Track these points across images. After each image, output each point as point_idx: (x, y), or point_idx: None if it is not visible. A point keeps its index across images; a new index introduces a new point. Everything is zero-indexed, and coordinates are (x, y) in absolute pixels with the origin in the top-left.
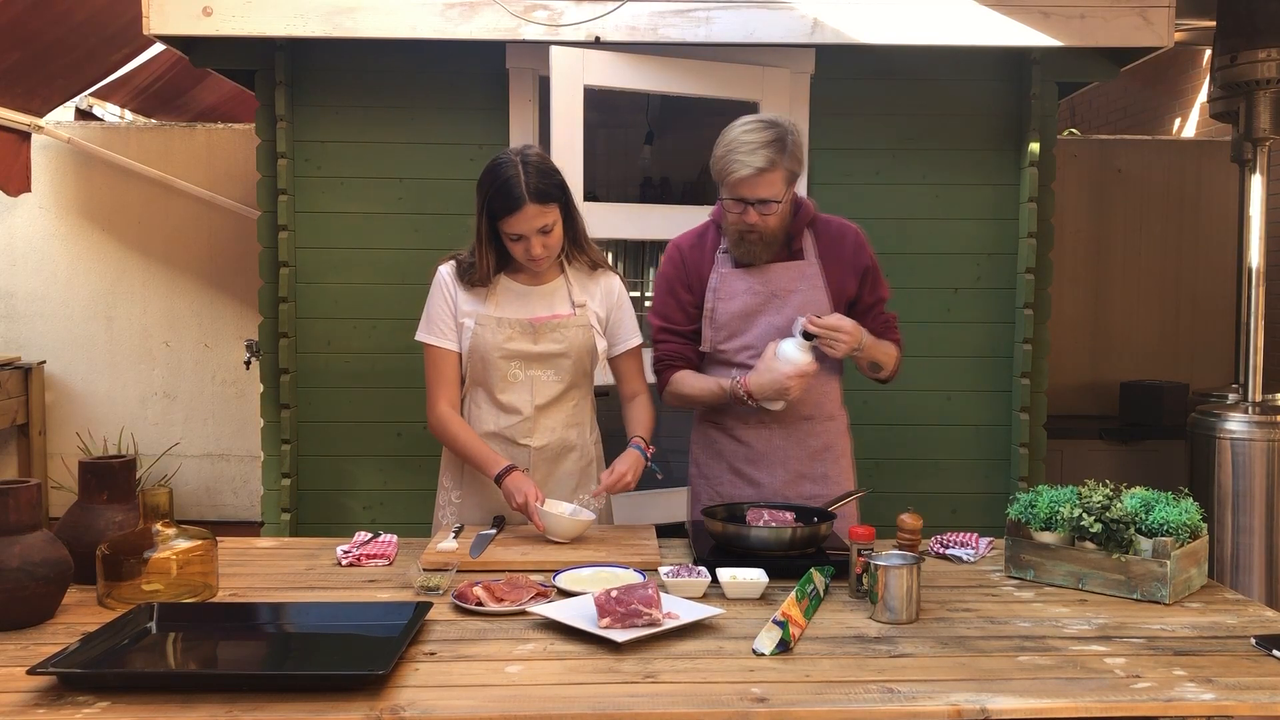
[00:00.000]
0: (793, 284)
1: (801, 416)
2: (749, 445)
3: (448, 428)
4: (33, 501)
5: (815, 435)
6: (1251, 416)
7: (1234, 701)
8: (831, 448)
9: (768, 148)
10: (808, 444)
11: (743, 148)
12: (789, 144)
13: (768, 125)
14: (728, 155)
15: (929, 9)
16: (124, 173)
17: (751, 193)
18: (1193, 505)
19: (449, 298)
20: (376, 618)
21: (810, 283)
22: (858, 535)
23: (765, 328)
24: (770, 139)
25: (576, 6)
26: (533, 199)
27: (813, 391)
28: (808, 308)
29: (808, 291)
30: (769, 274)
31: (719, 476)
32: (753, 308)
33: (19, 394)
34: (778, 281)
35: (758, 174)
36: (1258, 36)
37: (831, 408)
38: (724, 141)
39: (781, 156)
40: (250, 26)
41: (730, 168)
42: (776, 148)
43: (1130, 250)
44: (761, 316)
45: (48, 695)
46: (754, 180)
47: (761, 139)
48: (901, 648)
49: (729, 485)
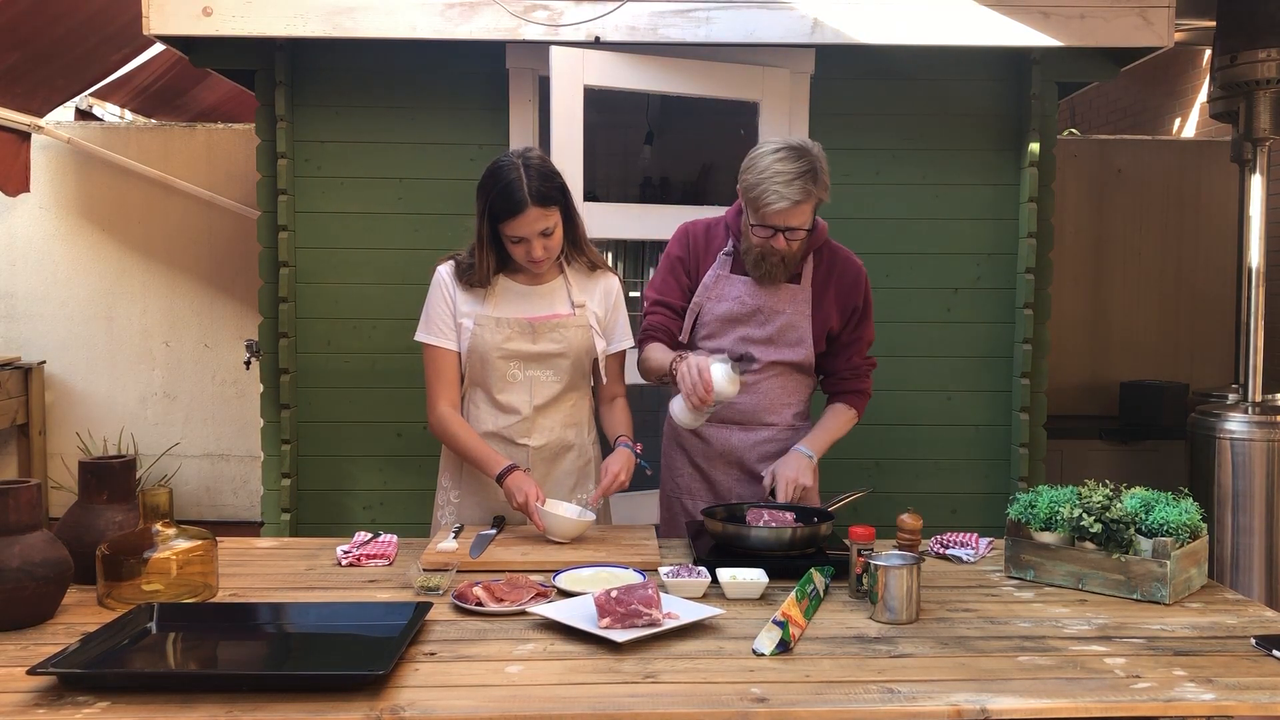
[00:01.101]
0: (782, 305)
1: (760, 422)
2: (707, 442)
3: (448, 427)
4: (33, 501)
5: (773, 441)
6: (1251, 416)
7: (1234, 701)
8: None
9: (803, 179)
10: (762, 449)
11: (778, 178)
12: (819, 174)
13: (799, 154)
14: (764, 184)
15: (929, 9)
16: (124, 173)
17: (784, 222)
18: (1193, 505)
19: (448, 298)
20: (376, 618)
21: (797, 308)
22: (858, 535)
23: (740, 338)
24: (804, 169)
25: (576, 6)
26: (535, 202)
27: (774, 400)
28: (789, 331)
29: (792, 315)
30: (763, 290)
31: (679, 468)
32: (737, 315)
33: (19, 394)
34: (768, 299)
35: (794, 206)
36: (1258, 36)
37: (793, 419)
38: (756, 169)
39: (815, 187)
40: (250, 26)
41: (766, 198)
42: (811, 178)
43: (1130, 250)
44: (742, 326)
45: (48, 695)
46: (789, 212)
47: (796, 169)
48: (901, 648)
49: (687, 478)
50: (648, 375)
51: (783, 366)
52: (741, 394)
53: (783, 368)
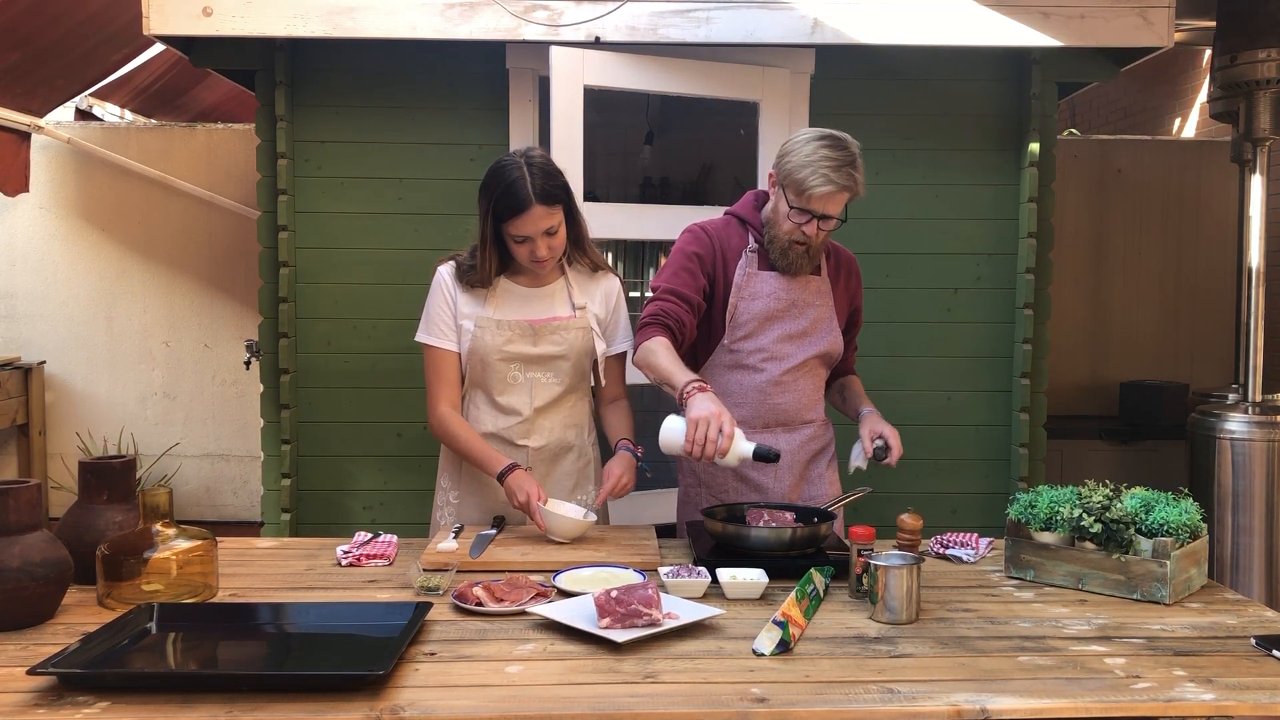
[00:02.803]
0: (812, 298)
1: (802, 420)
2: None
3: (449, 427)
4: (33, 501)
5: (815, 438)
6: (1251, 416)
7: (1234, 701)
8: (827, 450)
9: (849, 167)
10: (809, 447)
11: (826, 163)
12: (860, 167)
13: (844, 144)
14: (811, 168)
15: (929, 9)
16: (124, 173)
17: (823, 208)
18: (1193, 505)
19: (449, 299)
20: (376, 618)
21: (824, 300)
22: (858, 535)
23: (779, 334)
24: (849, 159)
25: (576, 6)
26: (539, 201)
27: (810, 397)
28: (820, 323)
29: (821, 308)
30: (793, 283)
31: (722, 484)
32: (773, 312)
33: (19, 394)
34: (799, 292)
35: (839, 191)
36: (1258, 36)
37: (824, 413)
38: (801, 154)
39: (856, 179)
40: (250, 26)
41: (813, 181)
42: (854, 168)
43: (1130, 250)
44: (778, 323)
45: (48, 695)
46: (832, 198)
47: (843, 158)
48: (901, 648)
49: (734, 493)
50: (645, 369)
51: (815, 361)
52: (782, 394)
53: (815, 362)
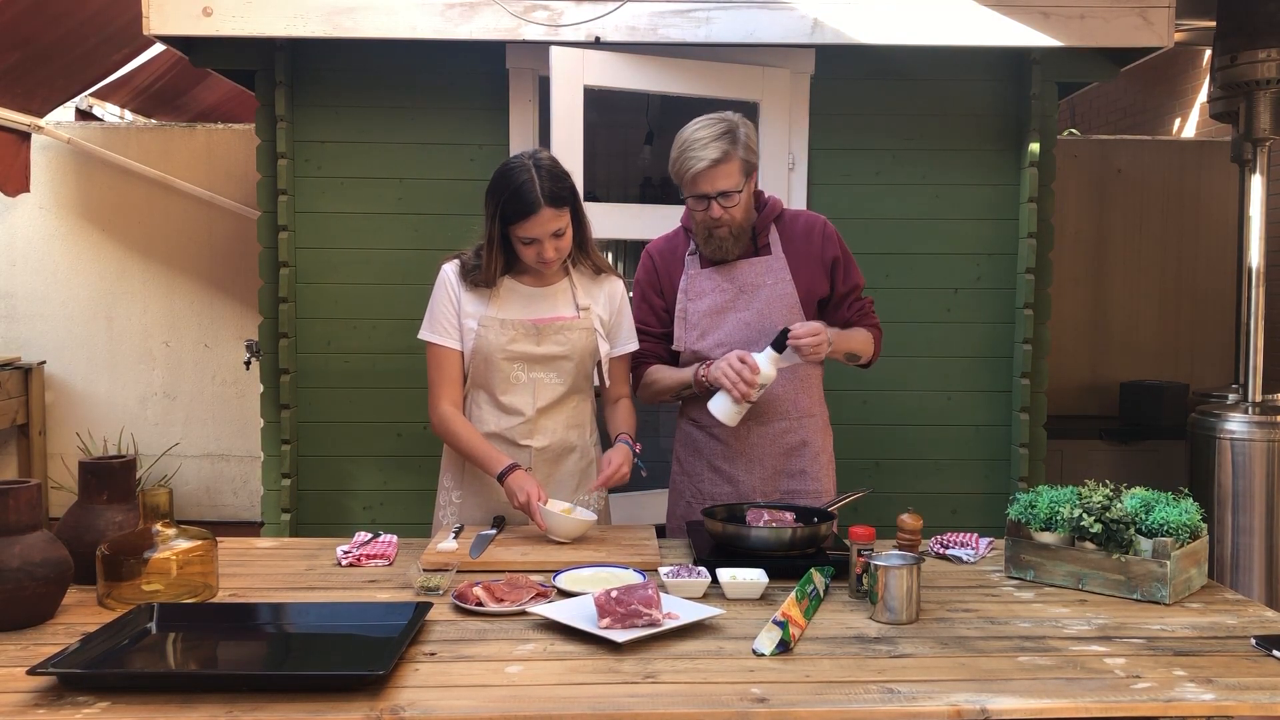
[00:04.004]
0: (759, 279)
1: (777, 414)
2: (726, 443)
3: (450, 426)
4: (33, 501)
5: (791, 432)
6: (1251, 416)
7: (1234, 702)
8: (809, 444)
9: (720, 140)
10: (783, 441)
11: (695, 144)
12: (740, 135)
13: (717, 120)
14: (683, 154)
15: (929, 9)
16: (124, 173)
17: (711, 186)
18: (1193, 505)
19: (453, 298)
20: (376, 618)
21: (777, 276)
22: (858, 535)
23: (735, 324)
24: (721, 131)
25: (576, 6)
26: (547, 203)
27: (786, 388)
28: (775, 302)
29: (774, 285)
30: (735, 271)
31: (699, 473)
32: (721, 305)
33: (19, 394)
34: (744, 277)
35: (713, 165)
36: (1258, 36)
37: (808, 404)
38: (678, 143)
39: (735, 147)
40: (250, 27)
41: (687, 164)
42: (729, 139)
43: (1130, 250)
44: (731, 313)
45: (48, 695)
46: (711, 173)
47: (712, 133)
48: (901, 648)
49: (709, 483)
50: (656, 396)
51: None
52: None
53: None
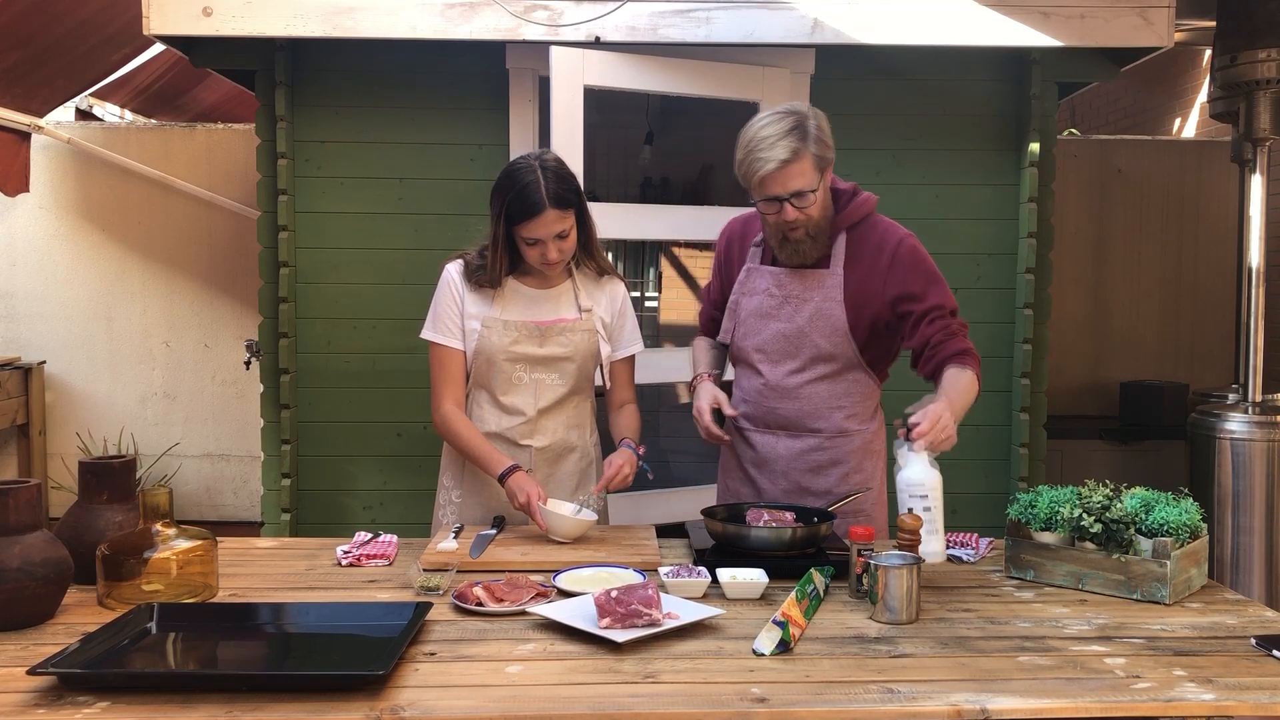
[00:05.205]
0: (807, 293)
1: (805, 428)
2: (755, 449)
3: (452, 426)
4: (33, 501)
5: (820, 450)
6: (1251, 416)
7: (1234, 701)
8: (840, 463)
9: (789, 137)
10: (809, 458)
11: (762, 144)
12: (810, 129)
13: (785, 115)
14: (749, 155)
15: (929, 9)
16: (124, 173)
17: (782, 188)
18: (1193, 505)
19: (456, 298)
20: (376, 618)
21: (826, 295)
22: (858, 535)
23: (773, 334)
24: (790, 127)
25: (576, 6)
26: (552, 204)
27: (817, 404)
28: (819, 321)
29: (820, 304)
30: (791, 277)
31: (731, 469)
32: (767, 309)
33: (19, 394)
34: (793, 286)
35: (783, 166)
36: (1258, 36)
37: (842, 422)
38: (742, 143)
39: (805, 143)
40: (250, 27)
41: (755, 166)
42: (798, 135)
43: (1130, 250)
44: (774, 321)
45: (48, 695)
46: (782, 174)
47: (780, 129)
48: (901, 648)
49: (736, 483)
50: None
51: (822, 364)
52: (781, 400)
53: (823, 365)
